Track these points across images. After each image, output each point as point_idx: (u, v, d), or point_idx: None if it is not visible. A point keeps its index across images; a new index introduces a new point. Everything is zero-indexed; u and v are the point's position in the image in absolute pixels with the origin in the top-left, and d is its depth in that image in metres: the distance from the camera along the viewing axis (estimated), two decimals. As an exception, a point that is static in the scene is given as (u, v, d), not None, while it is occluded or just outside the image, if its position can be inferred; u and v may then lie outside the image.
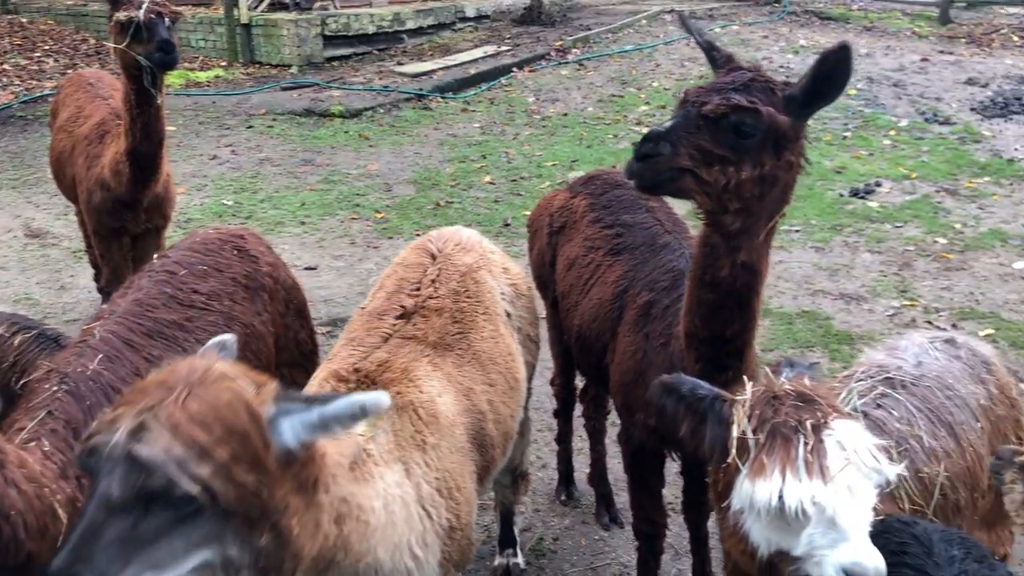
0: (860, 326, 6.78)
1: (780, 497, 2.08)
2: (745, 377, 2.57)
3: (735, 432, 2.22)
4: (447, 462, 2.77)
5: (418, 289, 3.24)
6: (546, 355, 5.02)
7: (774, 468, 2.12)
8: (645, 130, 2.94)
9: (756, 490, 2.12)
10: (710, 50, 3.04)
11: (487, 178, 10.01)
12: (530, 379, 3.95)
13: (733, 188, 2.66)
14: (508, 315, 3.60)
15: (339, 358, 2.94)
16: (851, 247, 8.20)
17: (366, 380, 2.76)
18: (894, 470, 2.15)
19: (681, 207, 4.18)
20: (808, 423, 2.15)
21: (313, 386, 2.82)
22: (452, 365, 3.03)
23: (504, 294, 3.63)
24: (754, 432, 2.19)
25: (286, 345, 3.79)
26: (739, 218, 2.75)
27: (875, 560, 2.03)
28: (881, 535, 2.22)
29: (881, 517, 2.36)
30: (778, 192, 2.76)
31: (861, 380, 3.14)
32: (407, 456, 2.65)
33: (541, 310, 4.71)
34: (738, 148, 2.64)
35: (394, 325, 3.06)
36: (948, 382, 3.18)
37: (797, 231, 8.53)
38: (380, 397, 1.99)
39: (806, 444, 2.11)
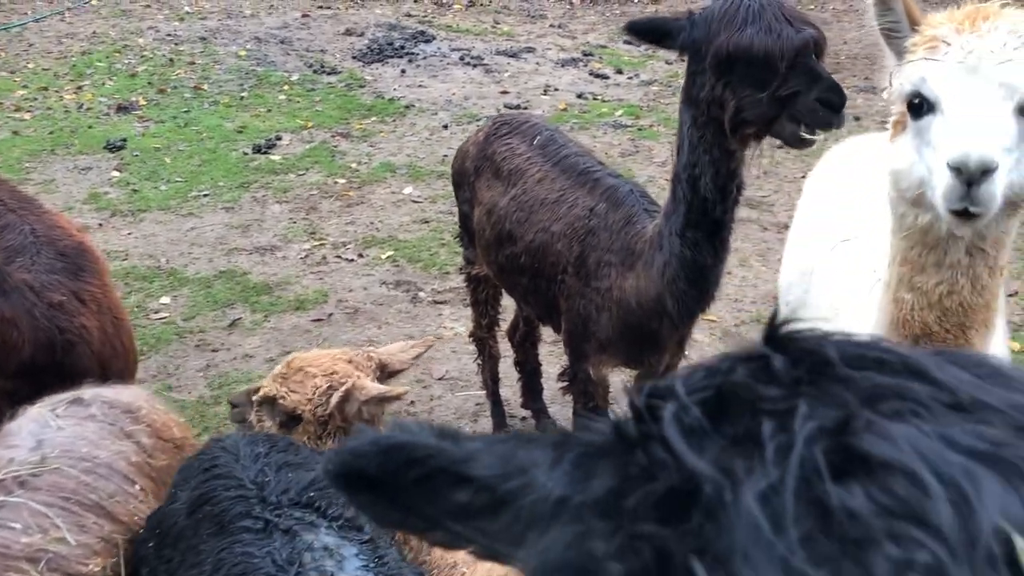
0: (276, 274, 6.99)
1: None
2: None
3: None
4: None
5: None
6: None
7: None
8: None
9: None
10: None
11: None
12: None
13: None
14: None
15: None
16: (260, 201, 8.36)
17: None
18: None
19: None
20: None
21: None
22: None
23: None
24: None
25: None
26: None
27: None
28: (197, 457, 2.27)
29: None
30: None
31: None
32: None
33: None
34: None
35: None
36: (83, 453, 2.55)
37: (206, 195, 8.45)
38: None
39: None
